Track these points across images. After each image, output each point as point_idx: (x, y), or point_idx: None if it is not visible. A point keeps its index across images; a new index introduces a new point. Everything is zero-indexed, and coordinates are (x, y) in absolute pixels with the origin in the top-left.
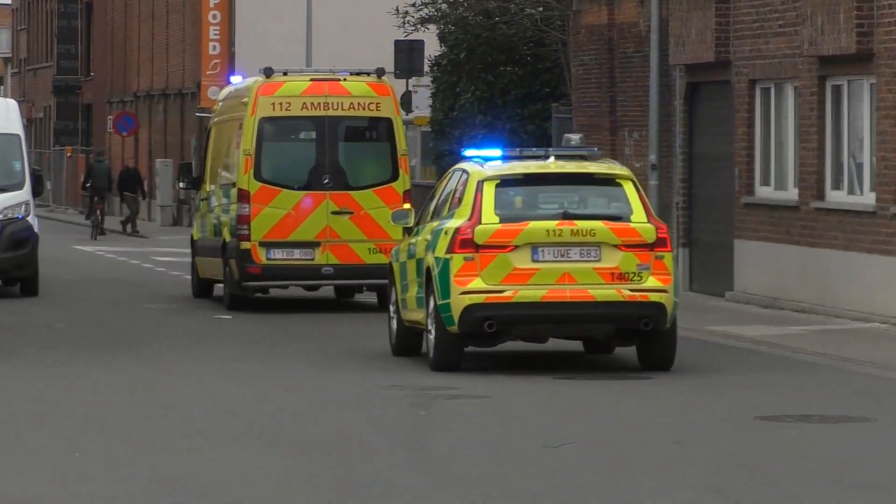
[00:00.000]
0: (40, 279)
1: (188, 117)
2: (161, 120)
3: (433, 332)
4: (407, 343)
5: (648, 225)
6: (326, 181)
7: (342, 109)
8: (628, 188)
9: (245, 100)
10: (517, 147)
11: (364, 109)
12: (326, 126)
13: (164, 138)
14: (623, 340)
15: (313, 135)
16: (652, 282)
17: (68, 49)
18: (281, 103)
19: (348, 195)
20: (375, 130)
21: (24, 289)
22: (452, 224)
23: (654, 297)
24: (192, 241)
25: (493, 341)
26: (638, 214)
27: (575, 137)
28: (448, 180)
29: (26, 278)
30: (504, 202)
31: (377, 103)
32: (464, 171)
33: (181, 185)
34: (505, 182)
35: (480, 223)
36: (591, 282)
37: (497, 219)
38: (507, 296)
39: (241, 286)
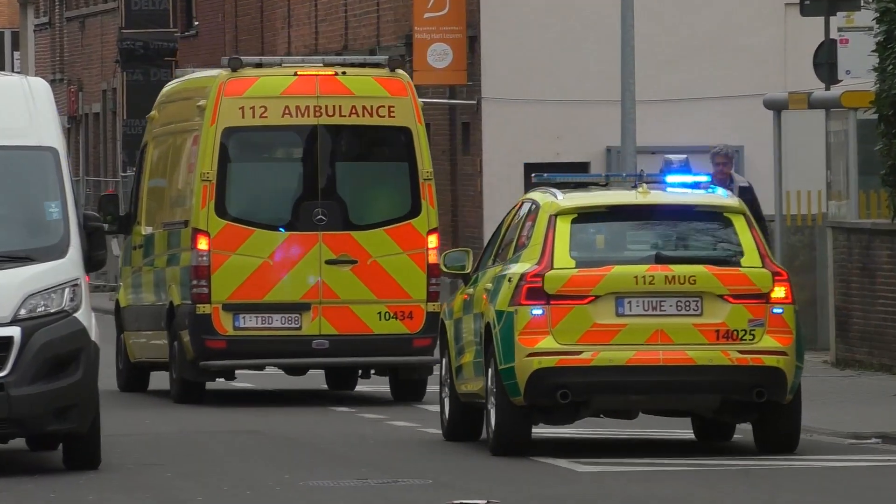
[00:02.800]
0: (103, 435)
1: None
2: None
3: (494, 404)
4: (463, 424)
5: (763, 270)
6: (319, 217)
7: (340, 115)
8: (739, 224)
9: (202, 102)
10: None
11: (372, 115)
12: (318, 139)
13: None
14: (733, 416)
15: (300, 151)
16: (767, 341)
17: None
18: (253, 107)
19: (349, 237)
20: (388, 145)
21: (72, 455)
22: (518, 269)
23: (769, 360)
24: (118, 310)
25: (569, 416)
26: (750, 257)
27: (676, 159)
28: (514, 214)
29: (74, 434)
30: (582, 242)
31: (390, 106)
32: (533, 202)
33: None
34: (583, 216)
35: (552, 268)
36: (691, 341)
37: (573, 262)
38: (584, 358)
39: (196, 368)
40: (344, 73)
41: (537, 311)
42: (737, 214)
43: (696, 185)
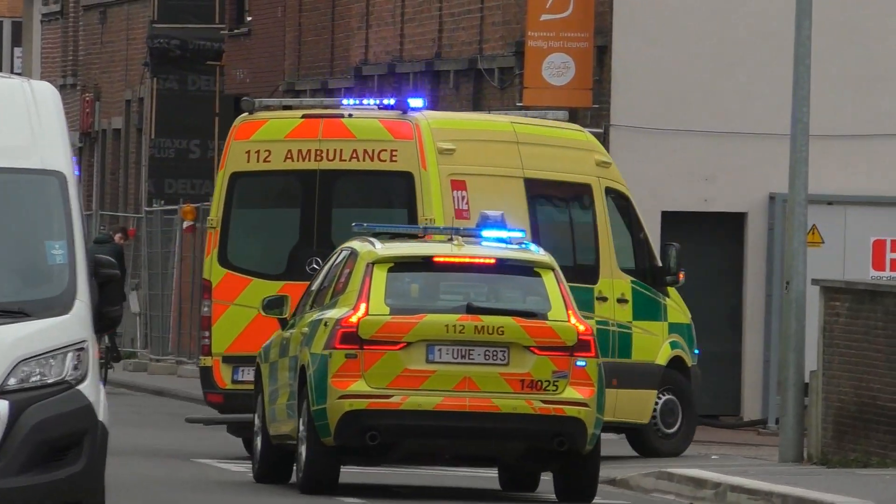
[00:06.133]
0: None
1: None
2: None
3: (304, 444)
4: (274, 466)
5: (568, 324)
6: (312, 266)
7: (340, 160)
8: (548, 279)
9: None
10: None
11: (373, 160)
12: (318, 184)
13: None
14: (536, 464)
15: (299, 197)
16: (570, 392)
17: None
18: (258, 151)
19: None
20: (387, 190)
21: None
22: (334, 314)
23: (571, 410)
24: None
25: (377, 458)
26: (557, 311)
27: (493, 214)
28: (332, 262)
29: None
30: (397, 290)
31: (392, 150)
32: (351, 250)
33: None
34: (399, 266)
35: (367, 314)
36: (497, 390)
37: (387, 309)
38: (394, 402)
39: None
40: (350, 115)
41: (350, 355)
42: (546, 270)
43: (509, 241)
